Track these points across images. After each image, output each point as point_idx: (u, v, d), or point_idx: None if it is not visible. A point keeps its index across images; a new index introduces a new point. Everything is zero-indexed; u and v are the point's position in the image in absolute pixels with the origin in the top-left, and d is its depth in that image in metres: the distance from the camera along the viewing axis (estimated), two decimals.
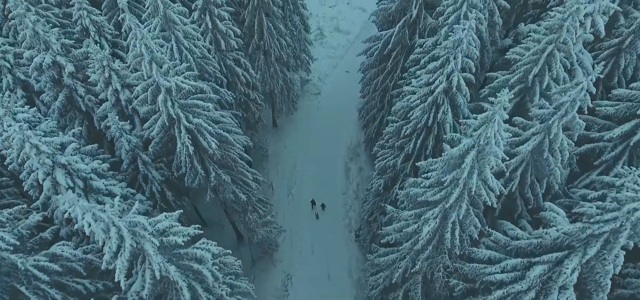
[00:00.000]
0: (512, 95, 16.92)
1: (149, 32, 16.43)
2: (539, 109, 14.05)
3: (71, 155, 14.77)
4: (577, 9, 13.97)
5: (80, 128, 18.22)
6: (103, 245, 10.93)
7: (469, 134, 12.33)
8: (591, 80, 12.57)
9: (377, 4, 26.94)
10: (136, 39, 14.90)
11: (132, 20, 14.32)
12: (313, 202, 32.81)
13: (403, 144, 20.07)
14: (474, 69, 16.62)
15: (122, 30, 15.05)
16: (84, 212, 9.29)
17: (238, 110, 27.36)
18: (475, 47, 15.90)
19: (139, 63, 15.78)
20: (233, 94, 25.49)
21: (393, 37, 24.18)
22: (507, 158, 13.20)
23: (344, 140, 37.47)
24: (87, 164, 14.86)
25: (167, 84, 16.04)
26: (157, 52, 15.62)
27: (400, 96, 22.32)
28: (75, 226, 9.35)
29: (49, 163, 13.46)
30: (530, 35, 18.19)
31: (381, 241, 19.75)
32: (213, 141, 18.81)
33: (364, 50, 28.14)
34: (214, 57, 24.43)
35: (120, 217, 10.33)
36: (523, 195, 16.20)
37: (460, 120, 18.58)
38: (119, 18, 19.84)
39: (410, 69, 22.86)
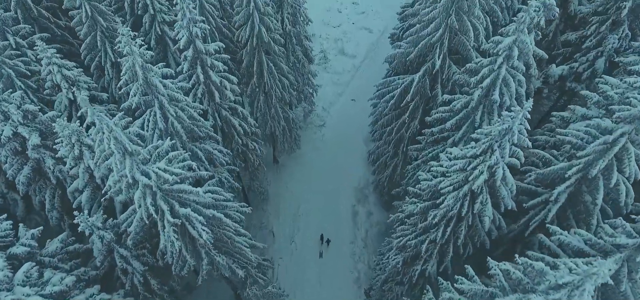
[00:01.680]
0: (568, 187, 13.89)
1: (120, 119, 13.36)
2: (615, 232, 11.01)
3: (23, 281, 11.73)
4: None
5: (41, 228, 15.12)
6: None
7: (543, 290, 9.30)
8: None
9: (391, 44, 23.90)
10: (103, 134, 11.82)
11: (96, 114, 11.23)
12: (322, 238, 30.20)
13: (428, 228, 17.04)
14: (523, 159, 13.55)
15: (85, 124, 11.96)
16: None
17: (235, 164, 24.32)
18: (526, 137, 12.83)
19: (109, 157, 12.71)
20: (229, 150, 22.46)
21: (413, 87, 21.05)
22: None
23: (351, 177, 34.25)
24: (43, 293, 11.81)
25: (145, 181, 12.96)
26: (131, 144, 12.54)
27: (424, 165, 19.26)
28: None
29: None
30: (575, 97, 15.20)
31: None
32: (204, 231, 15.76)
33: (377, 95, 25.03)
34: (207, 109, 21.40)
35: None
36: None
37: (502, 211, 15.59)
38: (82, 114, 16.66)
39: (434, 129, 19.81)
